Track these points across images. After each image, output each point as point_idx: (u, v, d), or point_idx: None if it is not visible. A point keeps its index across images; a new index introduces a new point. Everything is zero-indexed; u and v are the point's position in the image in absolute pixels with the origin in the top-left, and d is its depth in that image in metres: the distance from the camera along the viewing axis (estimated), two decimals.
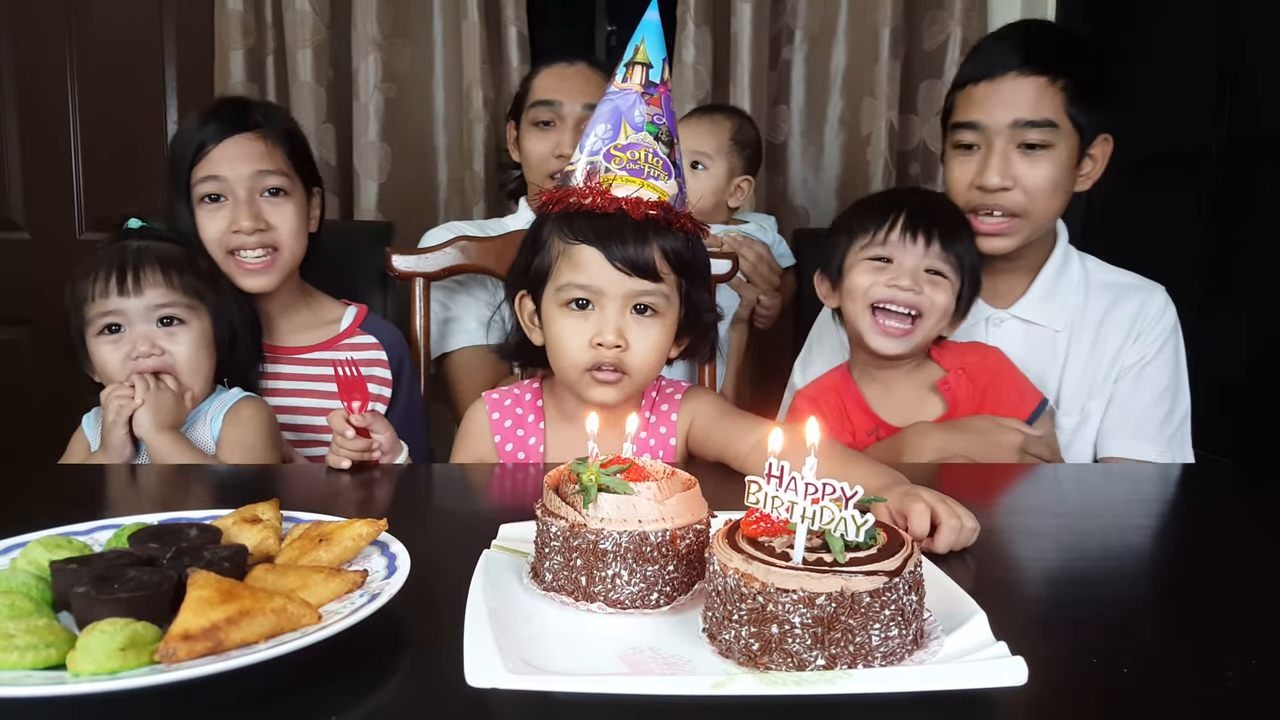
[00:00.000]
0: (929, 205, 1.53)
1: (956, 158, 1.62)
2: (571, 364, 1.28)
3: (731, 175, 2.16)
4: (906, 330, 1.49)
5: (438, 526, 1.08)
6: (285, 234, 1.60)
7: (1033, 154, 1.55)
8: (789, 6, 2.70)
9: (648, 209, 1.22)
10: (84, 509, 0.91)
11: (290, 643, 0.63)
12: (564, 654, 0.70)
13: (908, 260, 1.48)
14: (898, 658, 0.66)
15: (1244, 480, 1.42)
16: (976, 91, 1.58)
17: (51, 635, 0.64)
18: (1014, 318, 1.67)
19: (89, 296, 1.41)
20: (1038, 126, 1.54)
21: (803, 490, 0.68)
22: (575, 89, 2.02)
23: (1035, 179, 1.55)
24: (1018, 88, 1.54)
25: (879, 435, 1.52)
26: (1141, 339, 1.63)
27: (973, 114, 1.58)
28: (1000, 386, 1.52)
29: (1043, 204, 1.58)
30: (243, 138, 1.58)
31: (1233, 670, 0.70)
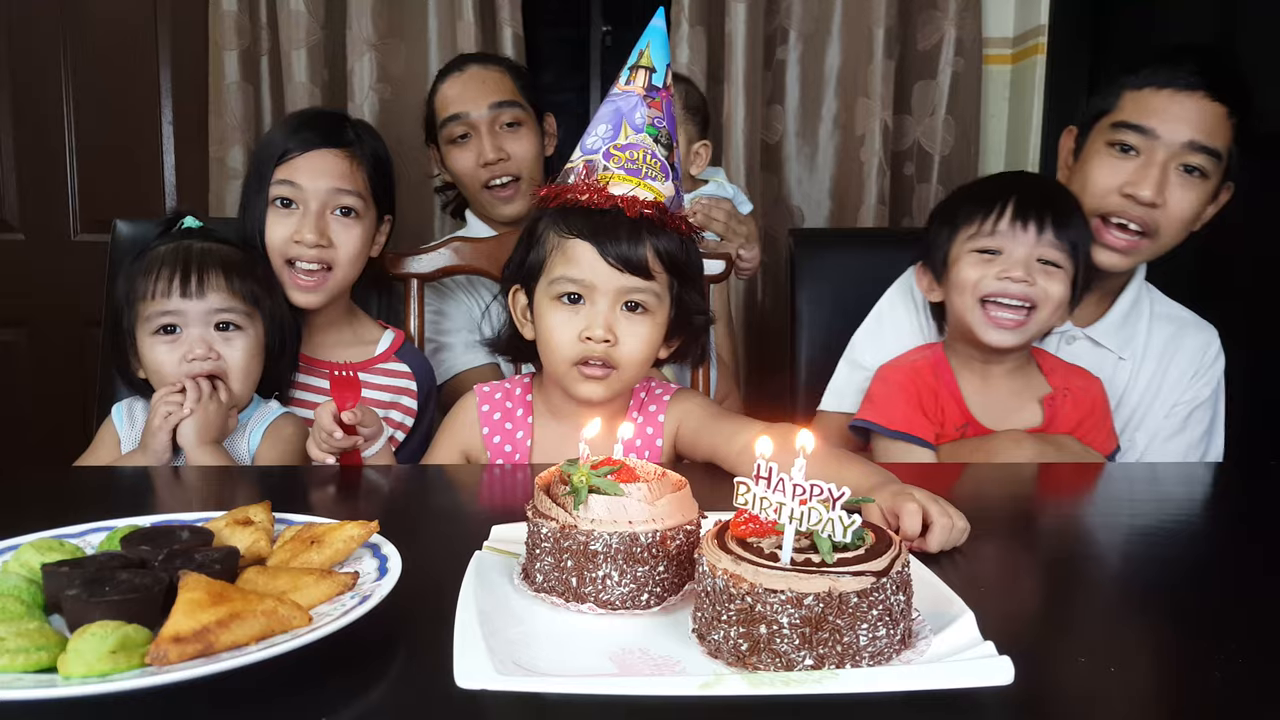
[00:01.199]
0: (1039, 190, 1.46)
1: (1109, 157, 1.53)
2: (560, 357, 1.29)
3: (689, 142, 2.16)
4: (1020, 321, 1.42)
5: (430, 528, 1.08)
6: (344, 255, 1.59)
7: (1189, 179, 1.50)
8: (783, 7, 2.70)
9: (643, 208, 1.24)
10: (78, 511, 0.91)
11: (281, 645, 0.63)
12: (554, 655, 0.70)
13: (1019, 250, 1.41)
14: (885, 657, 0.66)
15: (1234, 481, 1.43)
16: (1157, 98, 1.50)
17: (43, 638, 0.64)
18: (1087, 338, 1.62)
19: (147, 294, 1.40)
20: (1206, 153, 1.49)
21: (791, 491, 0.68)
22: (474, 93, 2.01)
23: (1182, 205, 1.50)
24: (1201, 109, 1.49)
25: (967, 432, 1.47)
26: (1198, 378, 1.61)
27: (1146, 119, 1.50)
28: (1096, 419, 1.48)
29: (1176, 231, 1.53)
30: (330, 152, 1.58)
31: (1219, 670, 0.70)
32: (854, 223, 2.70)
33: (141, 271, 1.42)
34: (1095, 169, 1.54)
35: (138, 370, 1.45)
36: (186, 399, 1.37)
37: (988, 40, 2.74)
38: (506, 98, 2.01)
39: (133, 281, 1.43)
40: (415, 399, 1.70)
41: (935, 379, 1.50)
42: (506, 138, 2.01)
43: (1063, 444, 1.43)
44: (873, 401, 1.51)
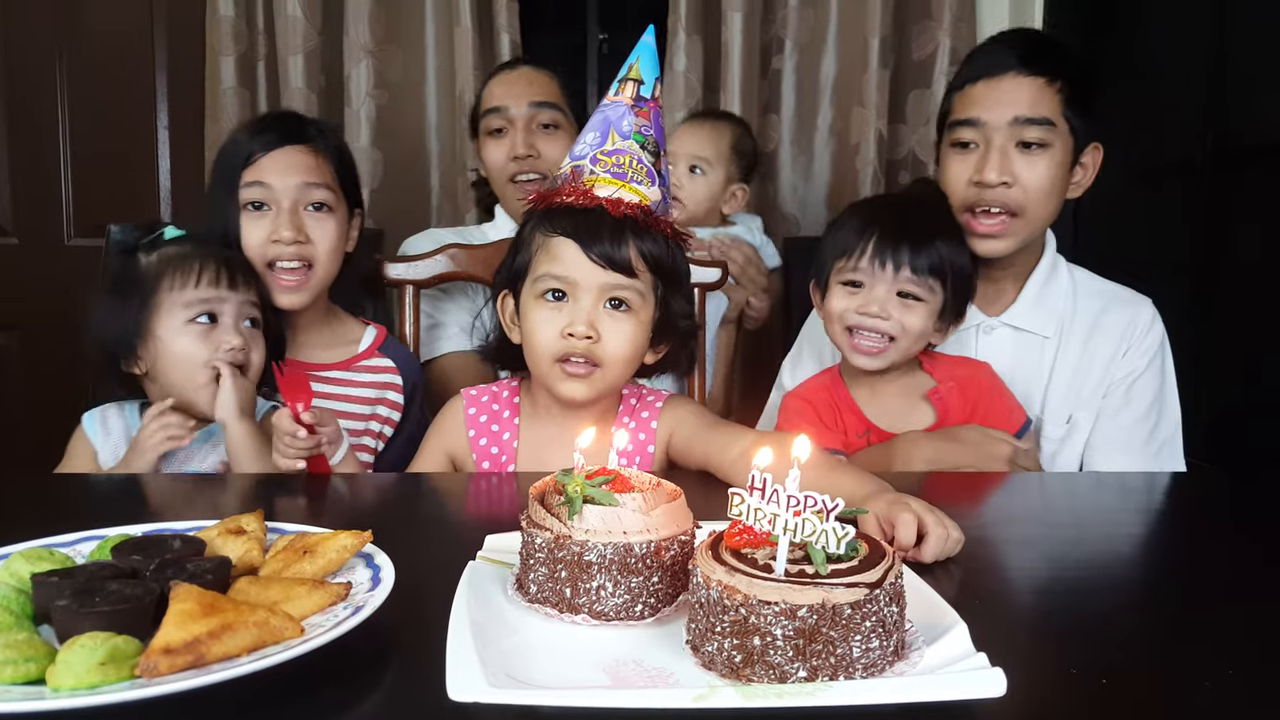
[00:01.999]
0: (900, 223, 1.52)
1: (954, 156, 1.62)
2: (542, 354, 1.30)
3: (729, 182, 2.18)
4: (881, 349, 1.50)
5: (423, 538, 1.08)
6: (323, 249, 1.60)
7: (1030, 152, 1.56)
8: (779, 16, 2.71)
9: (627, 209, 1.25)
10: (68, 520, 0.90)
11: (273, 657, 0.63)
12: (548, 666, 0.70)
13: (878, 286, 1.49)
14: (879, 669, 0.66)
15: (1227, 488, 1.43)
16: (975, 90, 1.59)
17: (31, 649, 0.63)
18: (1004, 325, 1.67)
19: (188, 283, 1.40)
20: (1037, 124, 1.55)
21: (785, 502, 0.68)
22: (519, 91, 2.04)
23: (1033, 177, 1.56)
24: (1017, 86, 1.56)
25: (870, 439, 1.53)
26: (1131, 353, 1.63)
27: (972, 111, 1.58)
28: (989, 401, 1.53)
29: (1039, 203, 1.58)
30: (293, 149, 1.59)
31: (1211, 681, 0.70)
32: None
33: (171, 264, 1.42)
34: (946, 171, 1.63)
35: (136, 366, 1.43)
36: (225, 377, 1.38)
37: None
38: (548, 99, 2.05)
39: (157, 274, 1.41)
40: (401, 393, 1.70)
41: (831, 396, 1.58)
42: (541, 137, 2.03)
43: (960, 435, 1.47)
44: (780, 430, 1.59)
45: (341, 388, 1.66)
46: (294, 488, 1.27)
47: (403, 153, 2.73)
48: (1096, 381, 1.63)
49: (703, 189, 2.15)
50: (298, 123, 1.65)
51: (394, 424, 1.70)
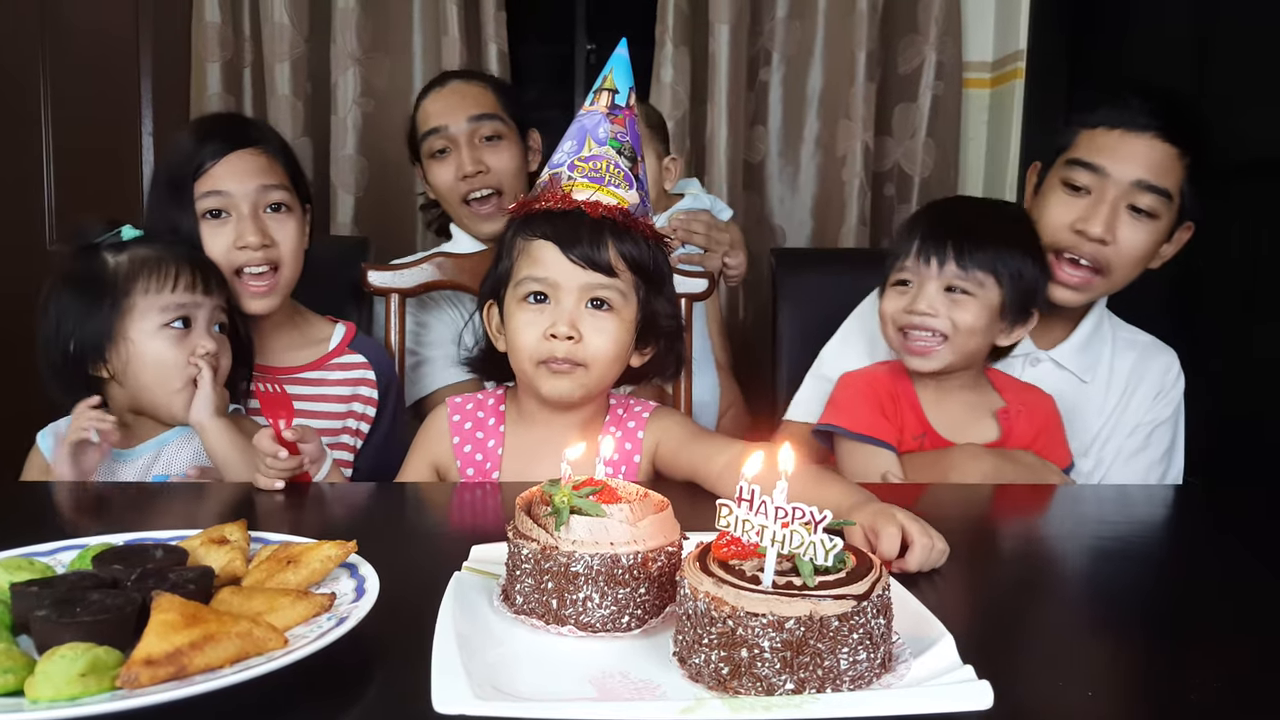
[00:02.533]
0: (950, 220, 1.50)
1: (1062, 195, 1.58)
2: (526, 356, 1.30)
3: (659, 159, 2.19)
4: (932, 348, 1.47)
5: (408, 548, 1.07)
6: (288, 250, 1.58)
7: (1138, 218, 1.53)
8: (767, 28, 2.73)
9: (605, 210, 1.27)
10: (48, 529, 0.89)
11: (256, 668, 0.62)
12: (534, 678, 0.69)
13: (927, 284, 1.47)
14: (866, 681, 0.66)
15: (1212, 503, 1.44)
16: (1108, 138, 1.55)
17: (10, 660, 0.63)
18: (1050, 360, 1.66)
19: (162, 288, 1.38)
20: (1155, 193, 1.52)
21: (773, 514, 0.68)
22: (454, 106, 2.01)
23: (1133, 243, 1.53)
24: (1151, 149, 1.52)
25: (924, 444, 1.50)
26: (1160, 399, 1.64)
27: (1097, 157, 1.54)
28: (1051, 433, 1.51)
29: (1127, 270, 1.56)
30: (246, 153, 1.56)
31: (1196, 694, 0.71)
32: (835, 243, 2.72)
33: (145, 266, 1.39)
34: (1049, 206, 1.59)
35: (104, 369, 1.39)
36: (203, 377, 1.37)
37: (967, 64, 2.77)
38: (486, 110, 2.02)
39: (129, 278, 1.38)
40: (374, 388, 1.69)
41: (895, 387, 1.54)
42: (485, 151, 2.01)
43: (1019, 459, 1.45)
44: (836, 406, 1.55)
45: (315, 388, 1.64)
46: (277, 497, 1.26)
47: (389, 161, 2.72)
48: (1127, 426, 1.64)
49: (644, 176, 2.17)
50: (242, 125, 1.64)
51: (370, 420, 1.68)
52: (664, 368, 1.42)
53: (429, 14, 2.68)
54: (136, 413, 1.43)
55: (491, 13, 2.65)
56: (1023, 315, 1.50)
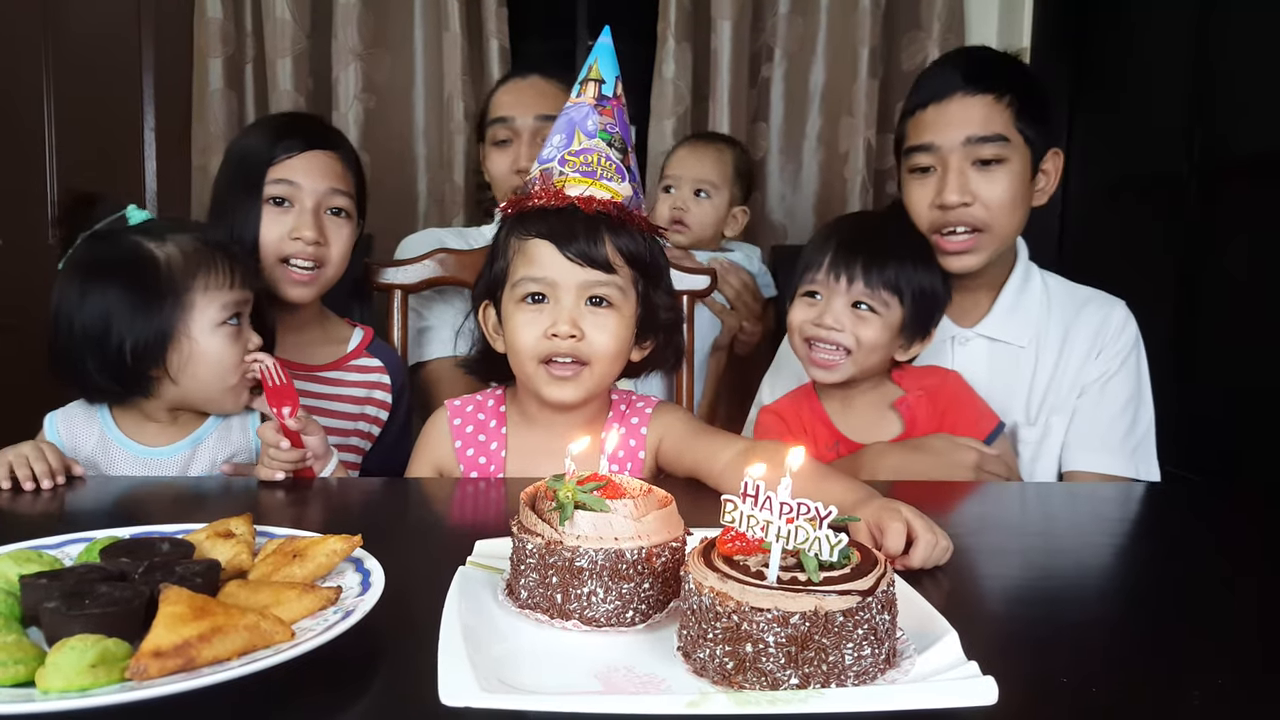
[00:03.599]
0: (860, 236, 1.54)
1: (914, 182, 1.64)
2: (527, 357, 1.29)
3: (732, 204, 2.20)
4: (836, 362, 1.52)
5: (413, 543, 1.07)
6: (336, 253, 1.62)
7: (988, 169, 1.57)
8: (769, 25, 2.72)
9: (600, 206, 1.25)
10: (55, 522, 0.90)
11: (263, 660, 0.63)
12: (539, 672, 0.70)
13: (834, 298, 1.51)
14: (870, 677, 0.67)
15: (1213, 499, 1.44)
16: (926, 115, 1.61)
17: (20, 651, 0.63)
18: (979, 336, 1.68)
19: (210, 285, 1.35)
20: (990, 141, 1.56)
21: (778, 509, 0.68)
22: (527, 101, 2.03)
23: (993, 193, 1.57)
24: (965, 106, 1.58)
25: (840, 450, 1.54)
26: (1104, 353, 1.64)
27: (925, 136, 1.60)
28: (958, 409, 1.54)
29: (1004, 218, 1.60)
30: (324, 154, 1.61)
31: (1200, 690, 0.71)
32: None
33: (202, 264, 1.35)
34: (908, 197, 1.65)
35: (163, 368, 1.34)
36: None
37: None
38: (555, 112, 2.02)
39: (186, 273, 1.34)
40: (389, 392, 1.71)
41: (803, 409, 1.60)
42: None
43: (926, 445, 1.48)
44: None
45: (332, 387, 1.67)
46: (282, 492, 1.26)
47: (390, 157, 2.72)
48: (1070, 384, 1.64)
49: (710, 213, 2.18)
50: (323, 127, 1.68)
51: (381, 423, 1.70)
52: (663, 360, 1.42)
53: (430, 10, 2.68)
54: (176, 409, 1.40)
55: (493, 8, 2.65)
56: (920, 332, 1.54)
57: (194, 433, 1.42)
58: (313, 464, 1.32)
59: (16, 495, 1.21)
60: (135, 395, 1.37)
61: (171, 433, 1.41)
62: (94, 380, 1.35)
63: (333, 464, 1.35)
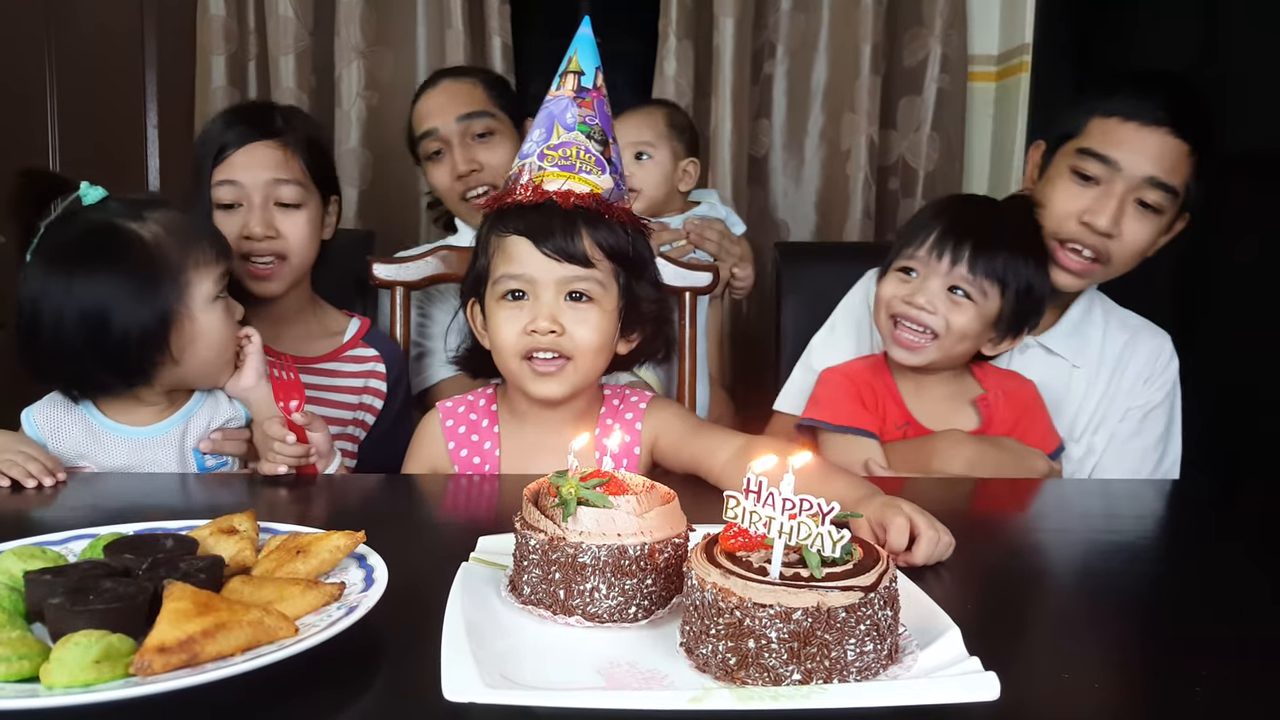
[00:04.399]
0: (973, 218, 1.48)
1: (1070, 184, 1.55)
2: (509, 354, 1.29)
3: (676, 159, 2.18)
4: (920, 345, 1.47)
5: (416, 539, 1.08)
6: (295, 243, 1.61)
7: (1145, 213, 1.52)
8: (771, 21, 2.72)
9: (577, 200, 1.25)
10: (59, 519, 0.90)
11: (267, 656, 0.63)
12: (542, 668, 0.70)
13: (932, 278, 1.46)
14: (873, 673, 0.67)
15: (1215, 496, 1.44)
16: (1122, 129, 1.52)
17: (25, 647, 0.63)
18: (1039, 346, 1.65)
19: (202, 262, 1.33)
20: (1164, 189, 1.50)
21: (780, 505, 0.68)
22: (444, 106, 2.02)
23: (1136, 237, 1.53)
24: (1164, 145, 1.50)
25: (907, 432, 1.51)
26: (1151, 382, 1.64)
27: (1111, 149, 1.51)
28: (1031, 419, 1.51)
29: (1126, 260, 1.56)
30: (262, 145, 1.59)
31: (1201, 686, 0.71)
32: (839, 236, 2.72)
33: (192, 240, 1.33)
34: (1057, 193, 1.57)
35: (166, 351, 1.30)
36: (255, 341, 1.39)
37: (973, 57, 2.76)
38: (476, 108, 2.02)
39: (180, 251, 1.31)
40: (384, 381, 1.72)
41: (875, 381, 1.54)
42: (478, 148, 2.02)
43: (1002, 444, 1.46)
44: (817, 401, 1.56)
45: (330, 378, 1.66)
46: (285, 488, 1.26)
47: (393, 154, 2.71)
48: (1120, 407, 1.63)
49: (655, 172, 2.16)
50: (265, 115, 1.65)
51: (377, 412, 1.71)
52: (653, 351, 1.42)
53: (433, 7, 2.67)
54: (171, 391, 1.38)
55: (495, 6, 2.64)
56: (1014, 330, 1.50)
57: (183, 407, 1.40)
58: (316, 461, 1.32)
59: (20, 493, 1.21)
60: (137, 384, 1.33)
61: (160, 411, 1.39)
62: (91, 376, 1.31)
63: (336, 463, 1.36)
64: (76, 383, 1.36)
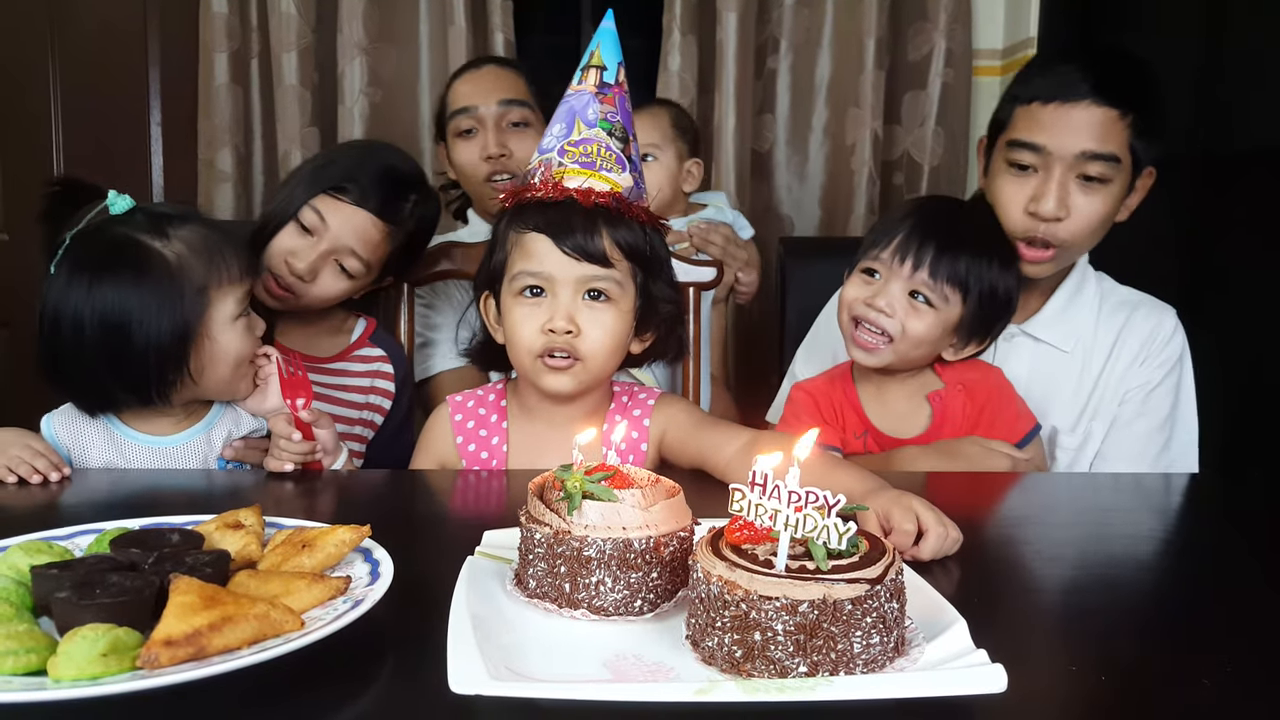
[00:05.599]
0: (939, 222, 1.47)
1: (1009, 178, 1.54)
2: (524, 350, 1.29)
3: (680, 160, 2.19)
4: (877, 347, 1.47)
5: (421, 533, 1.08)
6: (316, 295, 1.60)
7: (1090, 186, 1.50)
8: (774, 16, 2.72)
9: (598, 198, 1.24)
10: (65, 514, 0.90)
11: (273, 649, 0.63)
12: (547, 661, 0.70)
13: (893, 281, 1.45)
14: (879, 665, 0.67)
15: (1219, 491, 1.44)
16: (1044, 113, 1.50)
17: (32, 640, 0.63)
18: (1025, 334, 1.63)
19: (225, 280, 1.32)
20: (1102, 160, 1.48)
21: (786, 498, 0.68)
22: (487, 88, 2.02)
23: (1089, 213, 1.51)
24: (1089, 117, 1.47)
25: (868, 441, 1.51)
26: (1149, 363, 1.60)
27: (1038, 136, 1.50)
28: (997, 406, 1.50)
29: (1090, 238, 1.55)
30: (369, 216, 1.57)
31: (1209, 678, 0.71)
32: (844, 231, 2.72)
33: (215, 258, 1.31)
34: (1000, 190, 1.56)
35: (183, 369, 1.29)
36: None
37: (977, 52, 2.76)
38: (517, 97, 2.03)
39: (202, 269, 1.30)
40: (391, 381, 1.72)
41: (836, 392, 1.56)
42: (512, 136, 2.02)
43: (958, 450, 1.44)
44: (785, 420, 1.59)
45: (338, 378, 1.67)
46: (291, 483, 1.27)
47: None
48: (1114, 391, 1.60)
49: (660, 173, 2.16)
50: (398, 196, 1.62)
51: (384, 412, 1.71)
52: (665, 351, 1.41)
53: (435, 4, 2.68)
54: (188, 404, 1.38)
55: (498, 2, 2.65)
56: (980, 334, 1.49)
57: (205, 418, 1.40)
58: (322, 458, 1.33)
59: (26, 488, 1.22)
60: (154, 403, 1.32)
61: (179, 422, 1.39)
62: (109, 392, 1.30)
63: (342, 459, 1.36)
64: (94, 397, 1.34)
